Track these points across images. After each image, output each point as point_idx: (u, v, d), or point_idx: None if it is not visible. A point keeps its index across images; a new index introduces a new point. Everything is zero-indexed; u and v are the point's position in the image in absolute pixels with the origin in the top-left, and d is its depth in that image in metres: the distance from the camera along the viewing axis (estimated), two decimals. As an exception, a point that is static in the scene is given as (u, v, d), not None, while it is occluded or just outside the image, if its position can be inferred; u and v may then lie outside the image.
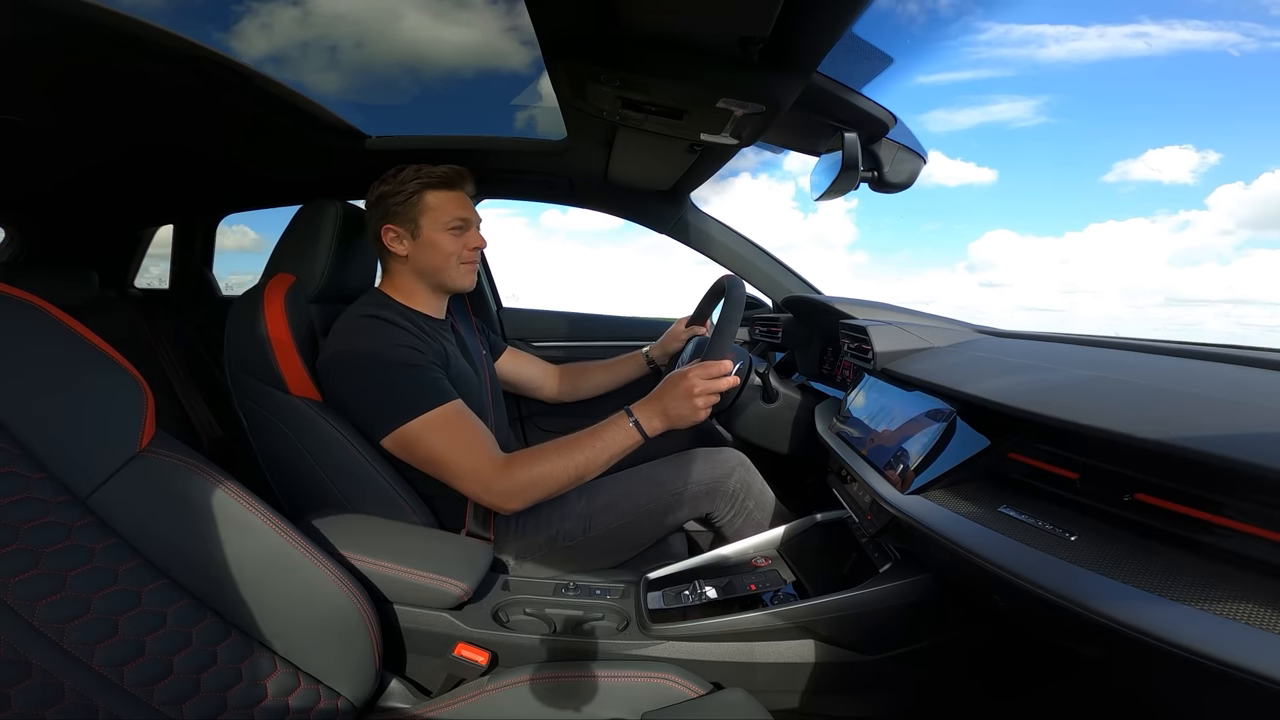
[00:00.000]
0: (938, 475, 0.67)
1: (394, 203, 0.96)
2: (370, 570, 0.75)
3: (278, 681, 0.62)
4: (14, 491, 0.50)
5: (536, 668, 0.76)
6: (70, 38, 0.81)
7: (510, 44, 1.01)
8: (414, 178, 0.95)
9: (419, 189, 0.95)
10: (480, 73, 1.08)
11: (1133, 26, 22.85)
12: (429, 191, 0.96)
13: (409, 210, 0.96)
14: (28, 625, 0.48)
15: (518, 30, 0.97)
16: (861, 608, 0.77)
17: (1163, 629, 0.39)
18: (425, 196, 0.96)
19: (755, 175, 1.76)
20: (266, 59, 0.97)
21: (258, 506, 0.63)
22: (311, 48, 0.96)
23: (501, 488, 0.83)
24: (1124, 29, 22.14)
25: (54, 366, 0.55)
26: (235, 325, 0.91)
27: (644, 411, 0.89)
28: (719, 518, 1.04)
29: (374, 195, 0.98)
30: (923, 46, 0.88)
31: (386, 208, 0.96)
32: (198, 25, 0.85)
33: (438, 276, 0.99)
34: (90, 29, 0.80)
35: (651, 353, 1.36)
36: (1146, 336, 0.81)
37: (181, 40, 0.87)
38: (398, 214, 0.96)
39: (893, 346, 0.95)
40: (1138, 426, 0.47)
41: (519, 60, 1.04)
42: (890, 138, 1.00)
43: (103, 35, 0.81)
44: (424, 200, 0.96)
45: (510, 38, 0.99)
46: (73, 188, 1.57)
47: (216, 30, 0.89)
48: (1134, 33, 23.96)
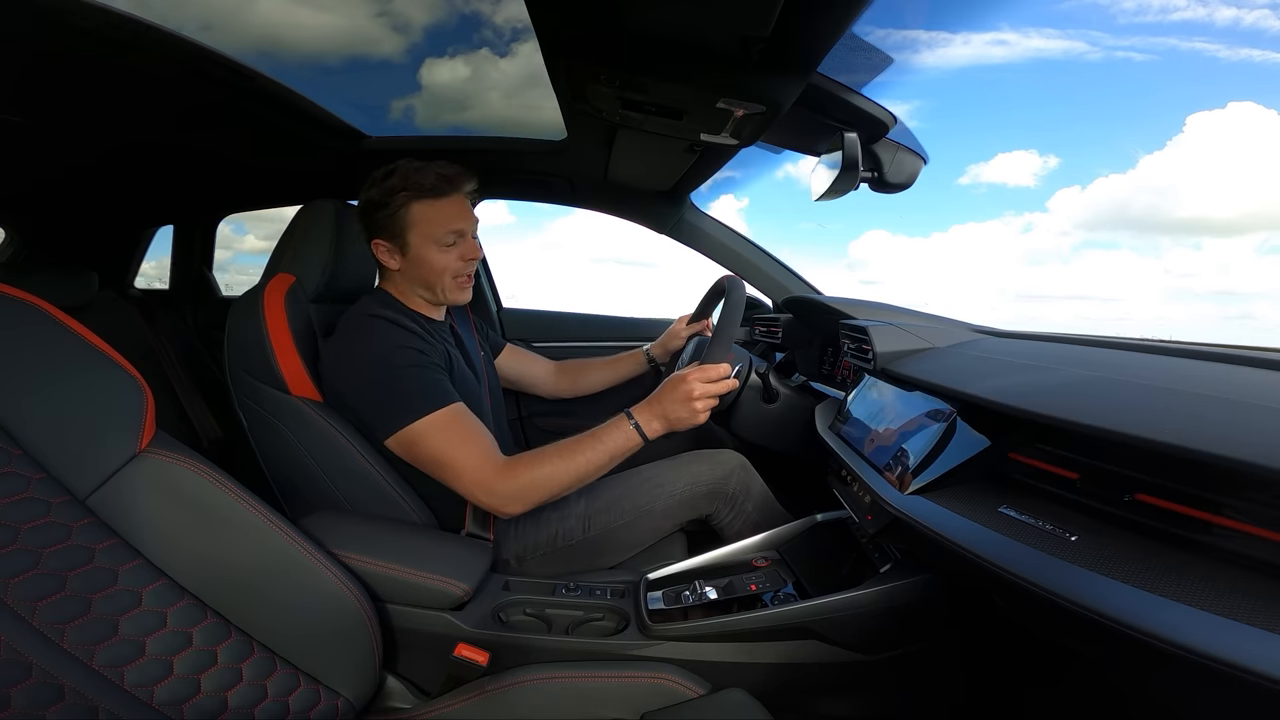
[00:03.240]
0: (938, 475, 0.67)
1: (381, 216, 0.91)
2: (370, 570, 0.75)
3: (278, 682, 0.62)
4: (14, 491, 0.50)
5: (536, 668, 0.75)
6: (70, 38, 0.81)
7: (381, 30, 0.97)
8: (401, 187, 0.90)
9: (405, 201, 0.90)
10: (346, 60, 1.02)
11: (993, 34, 22.93)
12: (415, 203, 0.90)
13: (395, 224, 0.91)
14: (28, 625, 0.48)
15: (389, 15, 0.93)
16: (861, 608, 0.77)
17: (1163, 629, 0.39)
18: (412, 209, 0.90)
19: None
20: (266, 59, 0.96)
21: (258, 506, 0.63)
22: (153, 31, 0.85)
23: (502, 490, 0.83)
24: (986, 36, 22.66)
25: (54, 367, 0.55)
26: (235, 325, 0.91)
27: (644, 414, 0.89)
28: (718, 519, 1.04)
29: (362, 202, 0.94)
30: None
31: (374, 221, 0.92)
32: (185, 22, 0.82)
33: (430, 290, 0.96)
34: (90, 29, 0.80)
35: (652, 351, 1.36)
36: (1006, 329, 0.79)
37: (181, 40, 0.87)
38: (384, 227, 0.92)
39: (893, 347, 0.95)
40: (1138, 426, 0.47)
41: (391, 47, 1.01)
42: (890, 138, 1.00)
43: (102, 35, 0.81)
44: (411, 213, 0.91)
45: (381, 23, 0.96)
46: (73, 188, 1.57)
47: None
48: (994, 40, 23.76)
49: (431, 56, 1.31)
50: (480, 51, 1.50)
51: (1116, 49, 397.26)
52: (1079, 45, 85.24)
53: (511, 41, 1.40)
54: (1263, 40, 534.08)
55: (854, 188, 1.01)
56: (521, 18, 0.69)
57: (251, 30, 0.96)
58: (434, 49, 1.35)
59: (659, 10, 0.68)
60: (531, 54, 0.79)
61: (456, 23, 1.42)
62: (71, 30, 0.79)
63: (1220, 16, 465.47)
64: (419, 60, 0.95)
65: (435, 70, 1.28)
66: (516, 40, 1.31)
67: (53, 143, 1.25)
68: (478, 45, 1.47)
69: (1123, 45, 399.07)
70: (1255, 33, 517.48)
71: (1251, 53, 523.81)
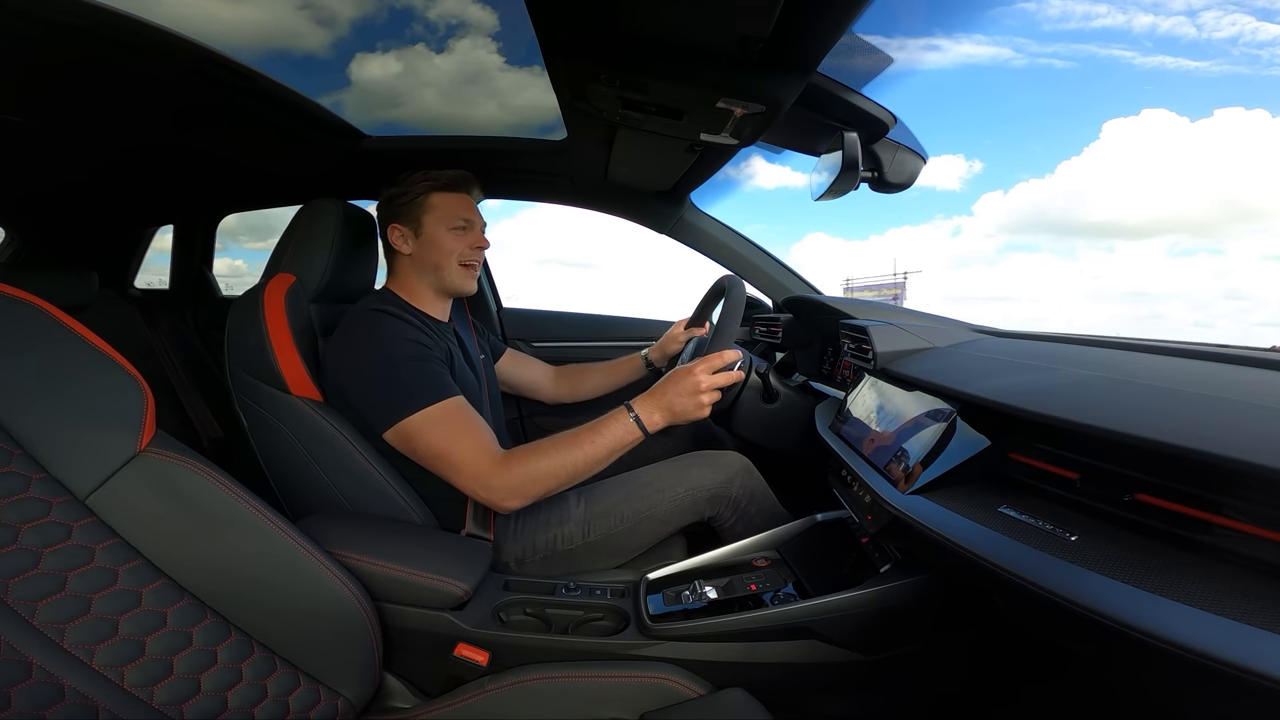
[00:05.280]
0: (938, 475, 0.67)
1: (401, 203, 1.00)
2: (371, 570, 0.75)
3: (278, 682, 0.62)
4: (14, 491, 0.50)
5: (536, 668, 0.75)
6: (70, 37, 0.81)
7: (304, 24, 0.94)
8: (421, 180, 0.99)
9: (425, 190, 0.99)
10: (265, 55, 0.99)
11: (926, 39, 23.36)
12: (434, 193, 0.99)
13: (413, 210, 0.99)
14: (28, 625, 0.48)
15: (311, 8, 0.91)
16: (861, 608, 0.77)
17: (1163, 629, 0.39)
18: (430, 197, 0.99)
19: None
20: (266, 58, 0.95)
21: (258, 506, 0.63)
22: (152, 31, 0.82)
23: (500, 485, 0.83)
24: (920, 41, 22.86)
25: (54, 367, 0.55)
26: (235, 325, 0.91)
27: (645, 406, 0.89)
28: (720, 522, 1.04)
29: (384, 197, 1.02)
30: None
31: (394, 208, 1.00)
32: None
33: (438, 275, 1.00)
34: (90, 29, 0.79)
35: (650, 354, 1.36)
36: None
37: (182, 40, 0.87)
38: (403, 213, 1.00)
39: (893, 347, 0.95)
40: (1138, 426, 0.47)
41: (315, 41, 0.99)
42: (890, 138, 1.00)
43: (102, 35, 0.81)
44: (429, 200, 0.99)
45: (304, 17, 0.93)
46: (73, 188, 1.57)
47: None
48: (927, 45, 24.45)
49: (361, 51, 1.29)
50: (415, 47, 1.48)
51: (1040, 55, 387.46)
52: (1006, 51, 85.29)
53: (447, 38, 1.37)
54: (1176, 47, 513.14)
55: (854, 188, 1.01)
56: (457, 14, 0.67)
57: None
58: (363, 44, 1.33)
59: (659, 10, 0.68)
60: (469, 50, 0.77)
61: (387, 17, 1.41)
62: (70, 30, 0.79)
63: (1138, 23, 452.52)
64: (348, 55, 0.94)
65: (366, 65, 1.25)
66: (453, 36, 1.28)
67: (52, 142, 1.25)
68: (410, 40, 1.45)
69: (1046, 52, 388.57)
70: (1170, 40, 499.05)
71: (1165, 60, 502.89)
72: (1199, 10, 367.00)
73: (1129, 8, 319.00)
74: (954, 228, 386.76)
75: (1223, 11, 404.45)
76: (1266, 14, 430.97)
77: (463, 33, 1.38)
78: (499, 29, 1.42)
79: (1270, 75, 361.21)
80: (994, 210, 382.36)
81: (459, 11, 1.29)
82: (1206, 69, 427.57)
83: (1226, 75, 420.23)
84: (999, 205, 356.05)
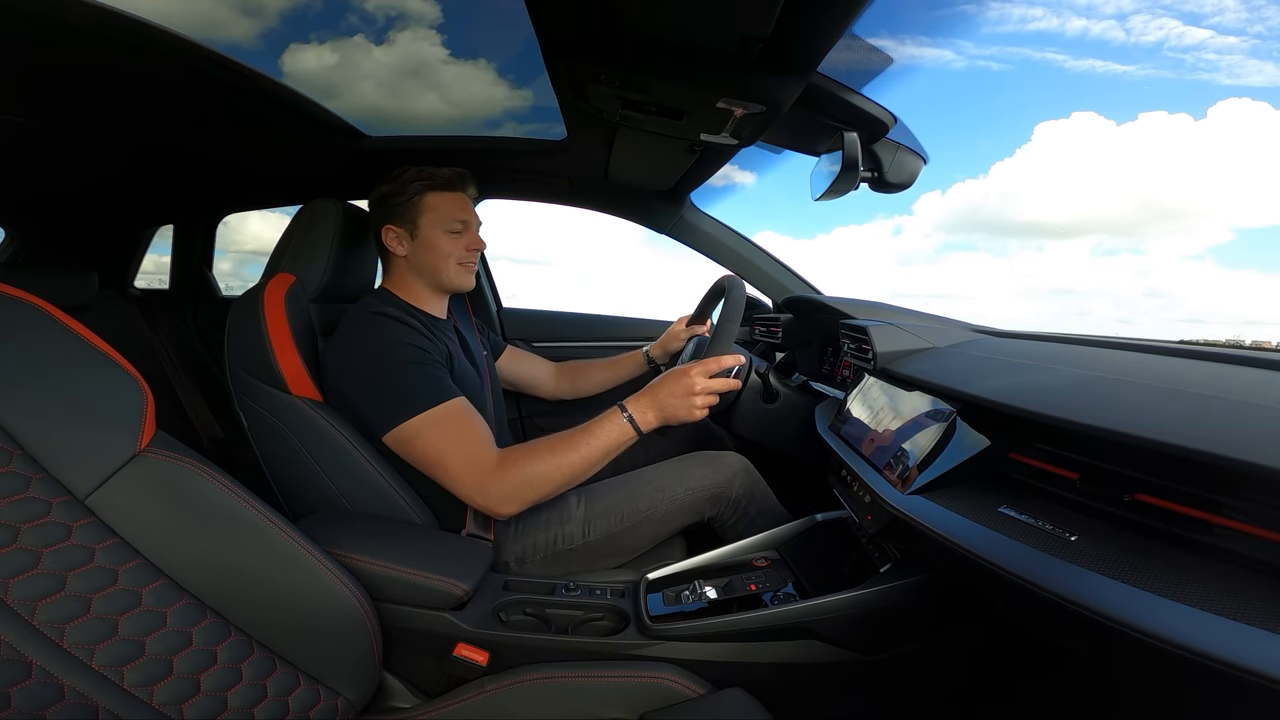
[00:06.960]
0: (938, 475, 0.67)
1: (395, 203, 0.97)
2: (371, 570, 0.75)
3: (278, 681, 0.62)
4: (14, 491, 0.50)
5: (536, 668, 0.75)
6: (71, 37, 0.81)
7: (227, 12, 0.90)
8: (416, 179, 0.96)
9: (420, 190, 0.96)
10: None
11: (873, 40, 23.41)
12: (430, 193, 0.97)
13: (409, 210, 0.96)
14: (28, 625, 0.48)
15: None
16: (861, 608, 0.77)
17: (1162, 629, 0.39)
18: (426, 197, 0.97)
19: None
20: (265, 58, 0.94)
21: (258, 506, 0.63)
22: (153, 31, 0.82)
23: (497, 491, 0.83)
24: (870, 41, 22.90)
25: (54, 367, 0.55)
26: (235, 325, 0.91)
27: (638, 405, 0.88)
28: (720, 522, 1.04)
29: (376, 195, 0.99)
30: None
31: (388, 208, 0.97)
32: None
33: (436, 276, 0.99)
34: (90, 29, 0.80)
35: (652, 352, 1.36)
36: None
37: (182, 40, 0.87)
38: (398, 214, 0.97)
39: (893, 347, 0.95)
40: (1137, 426, 0.47)
41: (242, 30, 0.96)
42: (890, 138, 1.01)
43: (103, 35, 0.81)
44: (424, 201, 0.96)
45: (227, 5, 0.89)
46: (73, 188, 1.57)
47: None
48: (894, 45, 24.42)
49: (296, 42, 1.26)
50: (354, 39, 1.45)
51: (978, 58, 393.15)
52: (946, 54, 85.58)
53: (387, 29, 1.35)
54: (1106, 51, 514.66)
55: (854, 188, 1.01)
56: (397, 6, 0.66)
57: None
58: (296, 34, 1.29)
59: (659, 11, 0.68)
60: (410, 42, 0.75)
61: (321, 7, 1.38)
62: (71, 30, 0.79)
63: (1071, 27, 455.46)
64: (280, 46, 0.90)
65: (299, 56, 1.22)
66: (393, 28, 1.25)
67: (53, 142, 1.25)
68: (347, 32, 1.42)
69: (984, 54, 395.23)
70: (1101, 43, 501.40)
71: (1095, 63, 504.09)
72: (1129, 14, 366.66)
73: (1063, 11, 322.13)
74: (895, 227, 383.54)
75: (1151, 15, 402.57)
76: (1193, 18, 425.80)
77: (403, 24, 1.37)
78: (441, 20, 1.38)
79: (1194, 79, 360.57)
80: (932, 210, 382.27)
81: (396, 4, 1.28)
82: (1133, 73, 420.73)
83: (1151, 79, 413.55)
84: (937, 205, 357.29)
